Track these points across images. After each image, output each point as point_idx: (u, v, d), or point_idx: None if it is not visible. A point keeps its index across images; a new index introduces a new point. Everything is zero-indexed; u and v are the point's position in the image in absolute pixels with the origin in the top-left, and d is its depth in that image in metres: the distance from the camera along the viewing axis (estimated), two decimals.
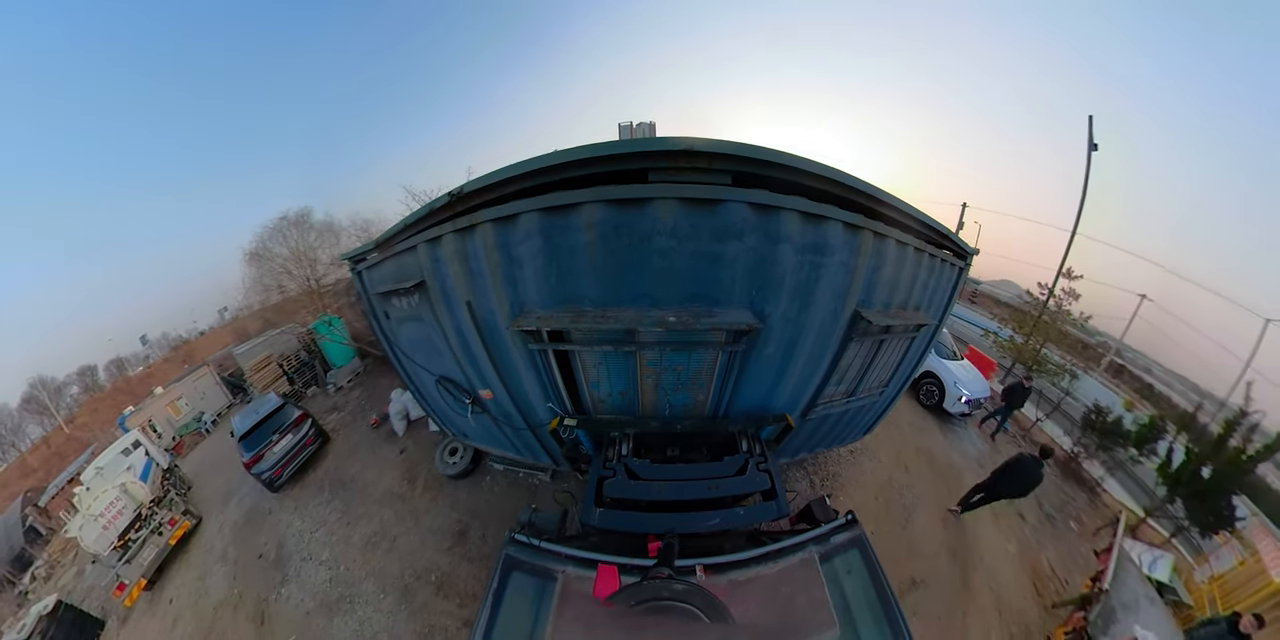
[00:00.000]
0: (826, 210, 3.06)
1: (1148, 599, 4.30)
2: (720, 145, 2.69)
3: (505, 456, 5.21)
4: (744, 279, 3.00)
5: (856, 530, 2.77)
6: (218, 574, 6.83)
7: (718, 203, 2.77)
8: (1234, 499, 6.43)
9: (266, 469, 7.89)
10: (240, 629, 5.78)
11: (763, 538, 2.93)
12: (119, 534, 7.32)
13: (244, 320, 33.73)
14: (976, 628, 5.02)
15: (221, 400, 15.67)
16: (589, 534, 3.07)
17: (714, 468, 3.22)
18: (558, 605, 2.27)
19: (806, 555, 2.55)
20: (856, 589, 2.44)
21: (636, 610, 2.07)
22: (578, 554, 2.52)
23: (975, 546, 6.11)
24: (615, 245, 2.87)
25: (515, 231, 3.05)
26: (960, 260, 4.84)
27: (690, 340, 3.25)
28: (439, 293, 3.74)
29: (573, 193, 2.83)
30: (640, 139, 2.36)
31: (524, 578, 2.45)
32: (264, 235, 18.68)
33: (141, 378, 32.73)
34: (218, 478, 9.80)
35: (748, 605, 2.24)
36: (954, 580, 5.56)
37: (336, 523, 6.96)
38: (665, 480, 3.11)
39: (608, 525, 2.86)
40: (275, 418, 8.56)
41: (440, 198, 3.33)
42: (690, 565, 2.37)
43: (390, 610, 5.42)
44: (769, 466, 3.18)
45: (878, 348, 4.23)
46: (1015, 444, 8.75)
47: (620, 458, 3.29)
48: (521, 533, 2.72)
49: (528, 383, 3.85)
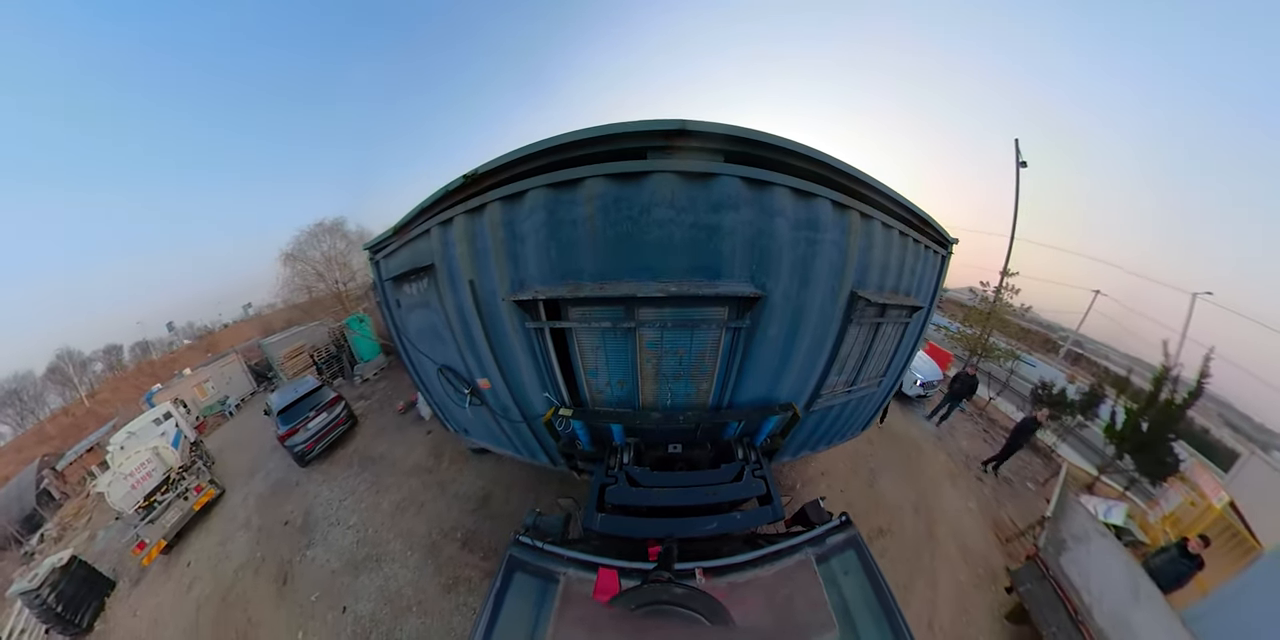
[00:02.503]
0: (815, 188, 2.99)
1: (1098, 533, 4.35)
2: (712, 125, 2.72)
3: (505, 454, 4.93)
4: (743, 252, 2.87)
5: (851, 531, 2.66)
6: (240, 540, 6.68)
7: (712, 176, 2.74)
8: (1174, 446, 6.84)
9: (300, 442, 7.92)
10: (261, 589, 5.64)
11: (759, 541, 2.84)
12: (145, 494, 7.17)
13: (267, 317, 33.58)
14: (944, 569, 5.22)
15: (246, 387, 15.51)
16: (591, 538, 2.99)
17: (712, 475, 3.15)
18: (559, 607, 2.20)
19: (803, 557, 2.47)
20: (854, 589, 2.35)
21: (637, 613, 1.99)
22: (580, 556, 2.43)
23: (936, 504, 6.35)
24: (615, 217, 2.77)
25: (521, 208, 2.98)
26: (942, 248, 4.68)
27: (692, 318, 3.05)
28: (446, 275, 3.60)
29: (576, 169, 2.79)
30: (637, 121, 2.55)
31: (527, 578, 2.37)
32: (301, 239, 18.95)
33: (164, 362, 31.91)
34: (241, 455, 9.65)
35: (747, 607, 2.16)
36: (918, 530, 5.84)
37: (365, 492, 6.92)
38: (665, 487, 3.03)
39: (609, 530, 2.78)
40: (312, 397, 8.64)
41: (455, 180, 3.25)
42: (690, 568, 2.31)
43: (416, 565, 5.39)
44: (764, 472, 3.11)
45: (874, 334, 4.06)
46: (973, 421, 9.58)
47: (622, 466, 3.21)
48: (526, 535, 2.63)
49: (525, 371, 3.57)
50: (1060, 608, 3.95)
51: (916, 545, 5.54)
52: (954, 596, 4.85)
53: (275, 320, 28.97)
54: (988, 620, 4.62)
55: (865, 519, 5.85)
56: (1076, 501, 4.95)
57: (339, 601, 5.12)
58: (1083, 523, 4.47)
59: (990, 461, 7.51)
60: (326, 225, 19.56)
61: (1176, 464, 6.73)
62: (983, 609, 4.74)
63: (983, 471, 7.49)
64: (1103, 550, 4.14)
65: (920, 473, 7.12)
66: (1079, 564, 4.16)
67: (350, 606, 5.03)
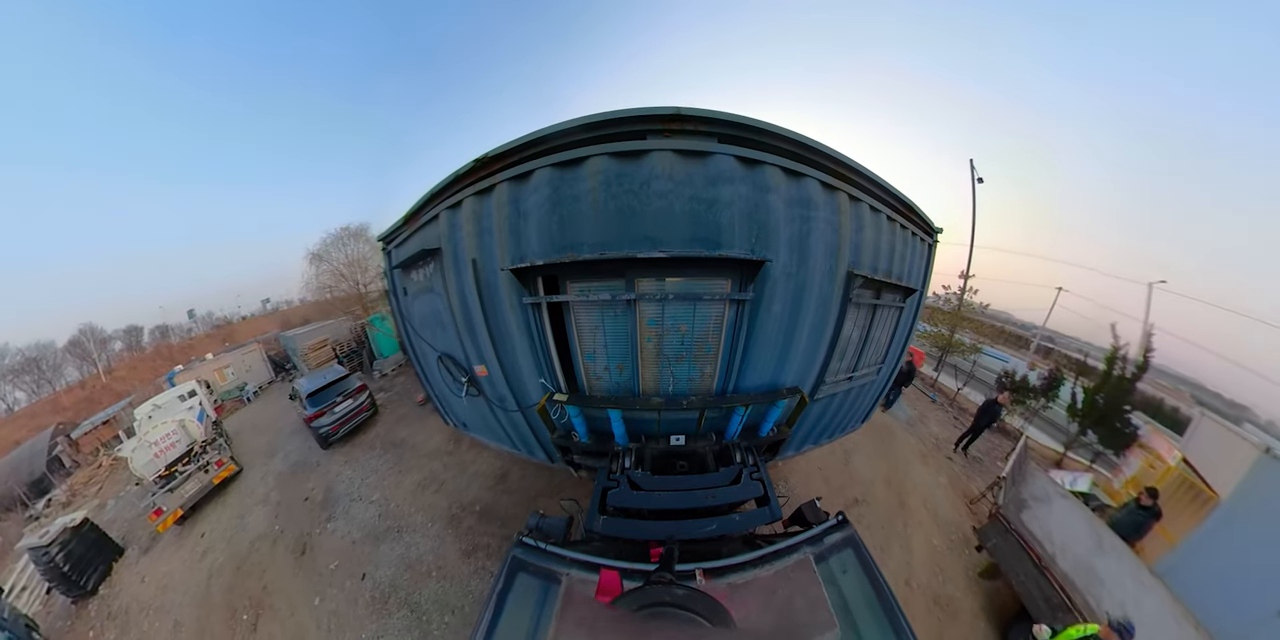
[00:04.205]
0: (803, 169, 3.01)
1: (1059, 494, 4.50)
2: (705, 111, 2.81)
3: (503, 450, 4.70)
4: (742, 224, 2.84)
5: (848, 530, 2.58)
6: (258, 514, 6.58)
7: (707, 154, 2.79)
8: (1131, 418, 7.25)
9: (326, 424, 7.97)
10: (279, 559, 5.55)
11: (758, 541, 2.76)
12: (167, 464, 7.09)
13: (284, 312, 33.51)
14: (918, 534, 5.32)
15: (265, 376, 15.46)
16: (593, 540, 2.92)
17: (710, 478, 3.08)
18: (561, 608, 2.12)
19: (802, 556, 2.39)
20: (854, 587, 2.28)
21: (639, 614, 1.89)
22: (582, 558, 2.35)
23: (908, 479, 6.46)
24: (616, 190, 2.75)
25: (527, 187, 2.97)
26: (929, 236, 4.58)
27: (694, 291, 2.93)
28: (451, 258, 3.52)
29: (580, 150, 2.82)
30: (637, 107, 2.87)
31: (529, 579, 2.29)
32: (327, 240, 19.25)
33: (181, 347, 31.78)
34: (259, 438, 9.55)
35: (748, 608, 2.08)
36: (892, 501, 5.95)
37: (388, 471, 6.89)
38: (665, 490, 2.97)
39: (611, 532, 2.73)
40: (340, 384, 8.70)
41: (466, 164, 3.23)
42: (690, 569, 2.24)
43: (437, 535, 5.39)
44: (761, 475, 3.05)
45: (871, 318, 3.98)
46: (943, 409, 10.03)
47: (624, 470, 3.14)
48: (529, 536, 2.55)
49: (521, 354, 3.39)
50: (1025, 558, 4.11)
51: (890, 514, 5.67)
52: (929, 558, 4.95)
53: (292, 316, 28.97)
54: (963, 579, 4.72)
55: (841, 492, 6.05)
56: (1036, 468, 5.16)
57: (359, 569, 5.07)
58: (1043, 486, 4.64)
59: (960, 441, 7.70)
60: (352, 230, 19.89)
61: (1134, 432, 7.09)
62: (958, 569, 4.84)
63: (953, 451, 7.66)
64: (1064, 510, 4.32)
65: (893, 453, 7.24)
66: (1040, 520, 4.33)
67: (370, 573, 4.98)
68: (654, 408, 3.13)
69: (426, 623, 4.29)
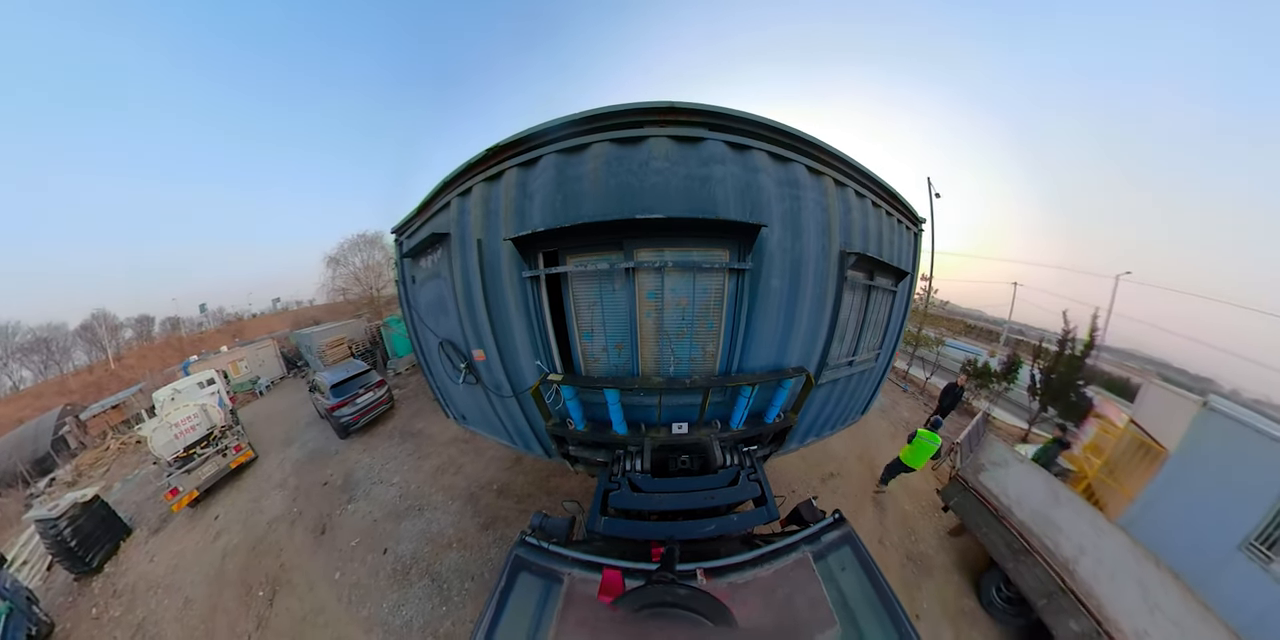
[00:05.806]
0: (789, 154, 3.11)
1: (1016, 459, 4.78)
2: (696, 105, 2.96)
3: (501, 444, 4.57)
4: (736, 199, 2.90)
5: (845, 528, 2.52)
6: (275, 497, 6.49)
7: (700, 140, 2.93)
8: (1085, 392, 7.73)
9: (347, 414, 8.03)
10: (297, 539, 5.48)
11: (756, 541, 2.72)
12: (186, 446, 7.00)
13: (295, 313, 33.10)
14: (890, 502, 5.50)
15: (277, 371, 15.33)
16: (595, 540, 2.86)
17: (709, 480, 3.02)
18: (562, 607, 2.06)
19: (800, 555, 2.33)
20: (853, 585, 2.23)
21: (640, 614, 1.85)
22: (584, 557, 2.29)
23: (879, 455, 6.63)
24: (616, 169, 2.86)
25: (534, 171, 3.07)
26: (914, 225, 4.52)
27: (693, 260, 2.87)
28: (458, 241, 3.52)
29: (584, 137, 2.95)
30: (634, 102, 3.09)
31: (531, 578, 2.22)
32: (344, 245, 19.52)
33: (191, 340, 30.83)
34: (274, 428, 9.46)
35: (749, 607, 2.03)
36: (864, 473, 6.17)
37: (407, 458, 6.90)
38: (665, 492, 2.92)
39: (612, 532, 2.68)
40: (361, 377, 8.83)
41: (479, 153, 3.30)
42: (691, 569, 2.19)
43: (457, 511, 5.45)
44: (758, 476, 3.00)
45: (867, 301, 3.91)
46: (913, 397, 10.47)
47: (624, 472, 3.07)
48: (532, 536, 2.49)
49: (519, 335, 3.27)
50: (984, 511, 4.35)
51: (863, 484, 5.88)
52: (901, 522, 5.16)
53: (301, 317, 28.70)
54: (934, 538, 4.94)
55: (817, 467, 6.22)
56: (994, 438, 5.48)
57: (380, 545, 5.05)
58: (1000, 453, 4.92)
59: (928, 422, 7.82)
60: (368, 237, 20.16)
61: (1089, 404, 7.57)
62: (929, 530, 5.07)
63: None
64: (1020, 471, 4.61)
65: (864, 434, 7.47)
66: (996, 479, 4.60)
67: (391, 548, 4.97)
68: (654, 387, 2.95)
69: (447, 590, 4.31)
